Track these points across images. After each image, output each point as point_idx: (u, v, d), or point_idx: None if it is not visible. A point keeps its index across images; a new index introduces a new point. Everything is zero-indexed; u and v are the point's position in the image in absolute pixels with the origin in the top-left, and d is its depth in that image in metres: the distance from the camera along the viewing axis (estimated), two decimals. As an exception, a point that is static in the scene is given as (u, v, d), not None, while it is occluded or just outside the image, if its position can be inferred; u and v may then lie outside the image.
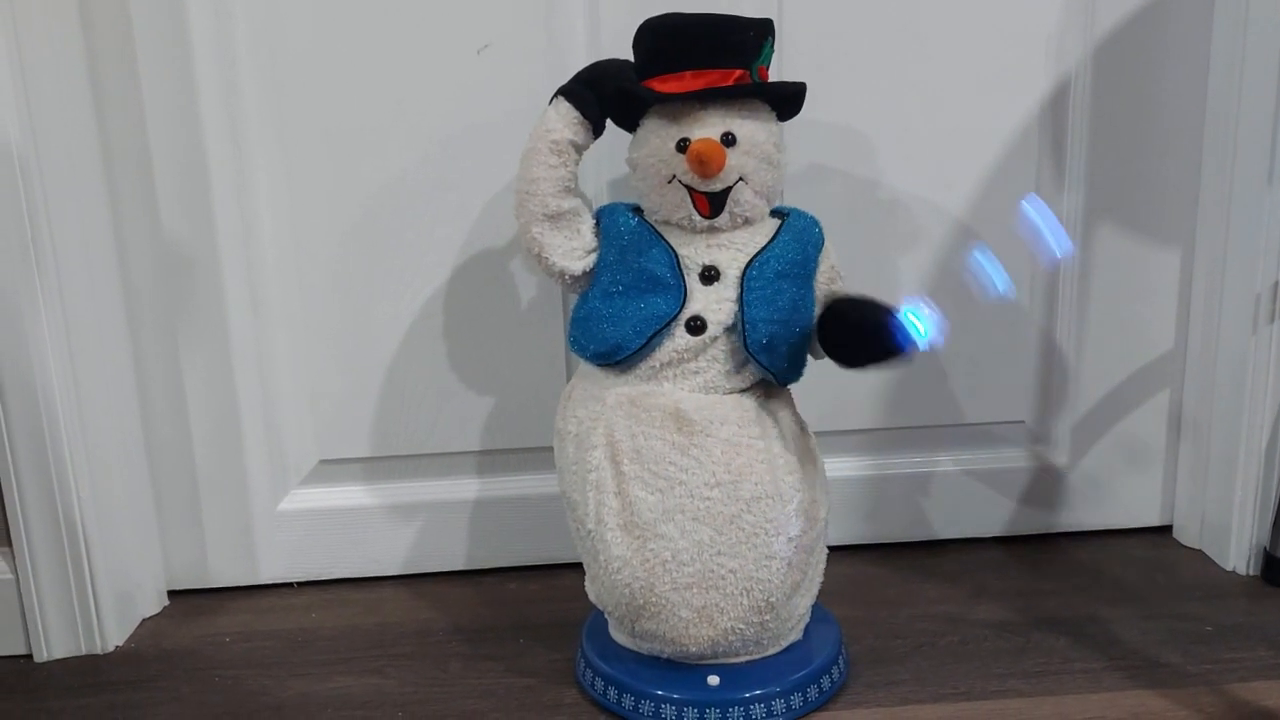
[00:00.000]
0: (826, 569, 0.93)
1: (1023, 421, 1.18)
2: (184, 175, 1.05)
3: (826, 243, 0.91)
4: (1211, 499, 1.15)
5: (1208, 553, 1.16)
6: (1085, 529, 1.21)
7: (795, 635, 0.93)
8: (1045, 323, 1.16)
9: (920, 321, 0.81)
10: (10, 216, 0.94)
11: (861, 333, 0.85)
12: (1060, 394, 1.17)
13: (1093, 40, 1.09)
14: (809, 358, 0.91)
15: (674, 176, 0.86)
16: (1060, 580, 1.12)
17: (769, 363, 0.87)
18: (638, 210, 0.91)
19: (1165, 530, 1.22)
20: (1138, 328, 1.16)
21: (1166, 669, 0.95)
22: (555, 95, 0.88)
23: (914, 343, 0.81)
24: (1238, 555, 1.12)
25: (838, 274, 0.92)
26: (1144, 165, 1.12)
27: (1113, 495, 1.20)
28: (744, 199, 0.87)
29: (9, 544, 1.02)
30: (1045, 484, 1.19)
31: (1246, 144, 1.06)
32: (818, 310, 0.89)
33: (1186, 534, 1.19)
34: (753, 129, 0.86)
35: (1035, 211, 0.89)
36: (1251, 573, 1.12)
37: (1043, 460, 1.19)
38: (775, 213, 0.91)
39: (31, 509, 1.00)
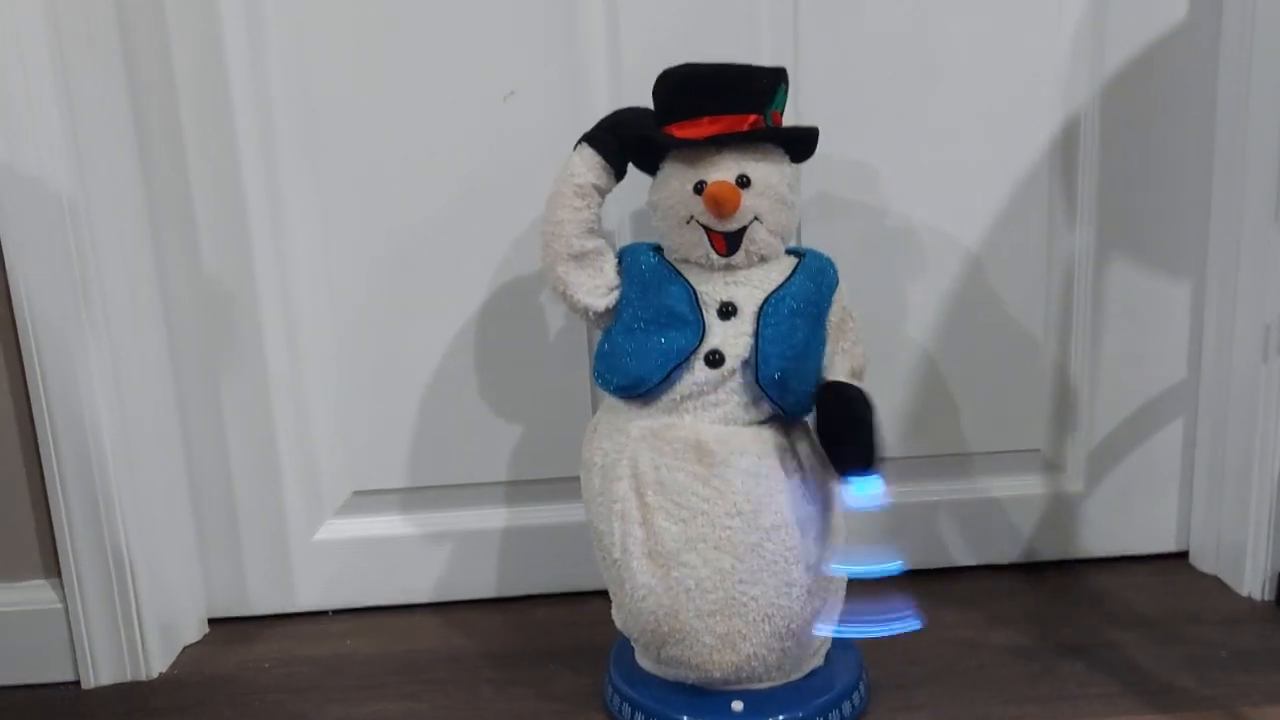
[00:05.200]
0: (846, 595, 0.95)
1: (1038, 450, 1.20)
2: (224, 218, 1.09)
3: (841, 284, 0.94)
4: (1226, 525, 1.16)
5: (1223, 578, 1.17)
6: (1101, 555, 1.22)
7: (817, 661, 0.95)
8: (1059, 352, 1.18)
9: (868, 489, 0.87)
10: (61, 260, 0.99)
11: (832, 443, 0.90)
12: (1075, 422, 1.19)
13: (1101, 78, 1.11)
14: None
15: (692, 217, 0.90)
16: (1076, 606, 1.13)
17: (779, 398, 0.89)
18: (658, 249, 0.94)
19: (1181, 556, 1.22)
20: (1150, 357, 1.18)
21: (1182, 694, 0.96)
22: (579, 141, 0.92)
23: (871, 498, 0.88)
24: (1253, 581, 1.13)
25: (849, 314, 0.94)
26: (1153, 199, 1.14)
27: (1128, 522, 1.22)
28: (759, 238, 0.90)
29: (58, 575, 1.06)
30: (1061, 511, 1.21)
31: (1254, 177, 1.08)
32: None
33: (1202, 560, 1.20)
34: (766, 171, 0.90)
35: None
36: (1267, 598, 1.13)
37: (1058, 488, 1.21)
38: (793, 252, 0.94)
39: (80, 541, 1.04)
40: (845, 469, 0.88)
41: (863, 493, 0.87)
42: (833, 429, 0.89)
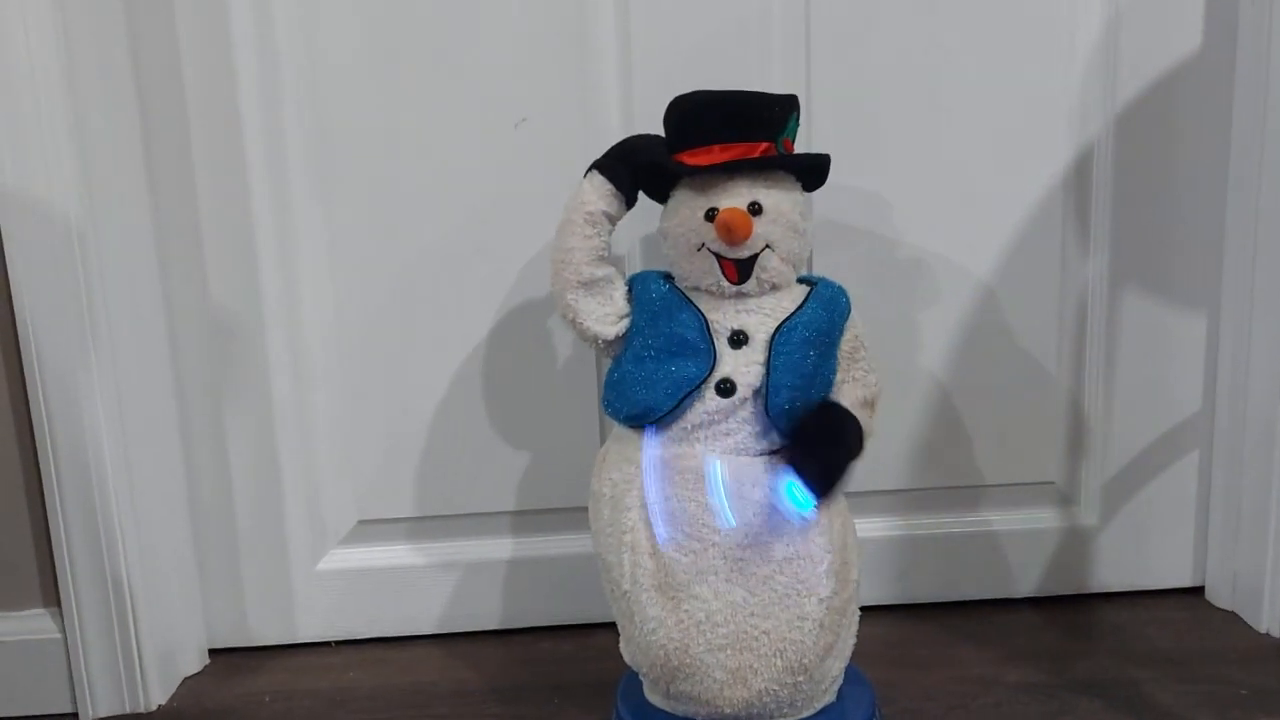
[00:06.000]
0: (859, 630, 0.94)
1: (1053, 482, 1.19)
2: (232, 245, 1.09)
3: (853, 313, 0.93)
4: (1243, 560, 1.15)
5: (1241, 615, 1.16)
6: (1116, 590, 1.21)
7: (829, 697, 0.93)
8: (1073, 385, 1.17)
9: (801, 505, 0.84)
10: (67, 286, 0.98)
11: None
12: (1089, 455, 1.18)
13: (1114, 107, 1.11)
14: None
15: (703, 244, 0.89)
16: (1092, 642, 1.12)
17: (788, 429, 0.88)
18: (668, 277, 0.93)
19: (1197, 591, 1.21)
20: (1165, 390, 1.17)
21: (1203, 733, 0.95)
22: (590, 169, 0.92)
23: (797, 512, 0.85)
24: (1271, 617, 1.12)
25: (861, 344, 0.93)
26: (1168, 229, 1.14)
27: (1144, 556, 1.20)
28: (770, 265, 0.89)
29: (58, 604, 1.04)
30: (1076, 545, 1.20)
31: (1269, 208, 1.08)
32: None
33: (1219, 596, 1.19)
34: (778, 198, 0.89)
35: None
36: (1287, 635, 1.12)
37: (1073, 521, 1.19)
38: (804, 281, 0.94)
39: (80, 570, 1.03)
40: (798, 474, 0.84)
41: (793, 504, 0.85)
42: (809, 438, 0.87)
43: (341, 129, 1.08)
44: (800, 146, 0.96)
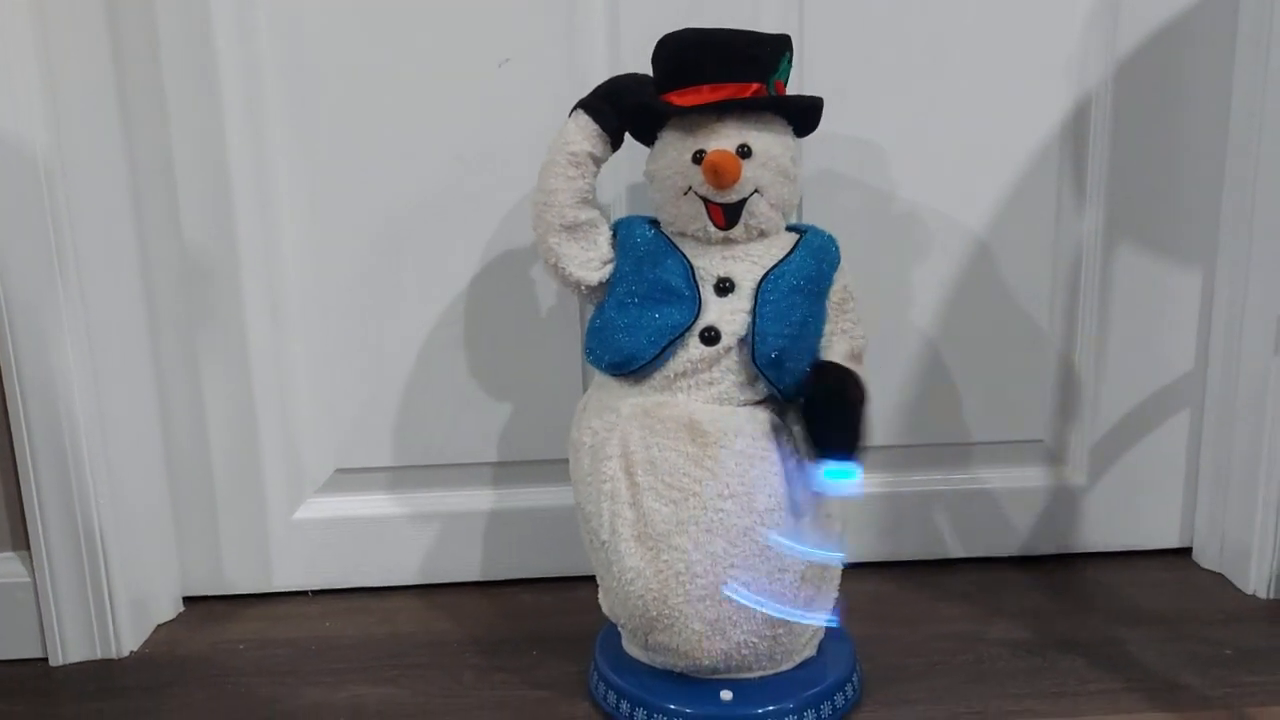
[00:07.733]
0: (841, 585, 0.93)
1: (1041, 440, 1.18)
2: (207, 186, 1.06)
3: (842, 262, 0.91)
4: (1232, 521, 1.14)
5: (1228, 575, 1.15)
6: (1103, 550, 1.20)
7: (809, 651, 0.93)
8: (1064, 342, 1.15)
9: (844, 476, 0.85)
10: (35, 225, 0.96)
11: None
12: (1079, 413, 1.17)
13: (1114, 60, 1.09)
14: None
15: (690, 188, 0.87)
16: (1078, 601, 1.11)
17: (775, 378, 0.86)
18: (654, 223, 0.92)
19: (1185, 552, 1.20)
20: (1158, 348, 1.15)
21: (1186, 692, 0.94)
22: (574, 108, 0.90)
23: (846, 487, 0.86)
24: (1258, 578, 1.11)
25: (850, 294, 0.92)
26: (1165, 185, 1.12)
27: (1131, 516, 1.19)
28: (759, 211, 0.87)
29: (27, 548, 1.03)
30: (1063, 504, 1.19)
31: (1268, 164, 1.06)
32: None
33: (1206, 556, 1.18)
34: (769, 142, 0.87)
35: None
36: (1272, 596, 1.10)
37: (1061, 480, 1.18)
38: (794, 229, 0.92)
39: (50, 514, 1.01)
40: (825, 452, 0.85)
41: (837, 479, 0.85)
42: (819, 410, 0.87)
43: (320, 68, 1.05)
44: (792, 89, 0.93)
